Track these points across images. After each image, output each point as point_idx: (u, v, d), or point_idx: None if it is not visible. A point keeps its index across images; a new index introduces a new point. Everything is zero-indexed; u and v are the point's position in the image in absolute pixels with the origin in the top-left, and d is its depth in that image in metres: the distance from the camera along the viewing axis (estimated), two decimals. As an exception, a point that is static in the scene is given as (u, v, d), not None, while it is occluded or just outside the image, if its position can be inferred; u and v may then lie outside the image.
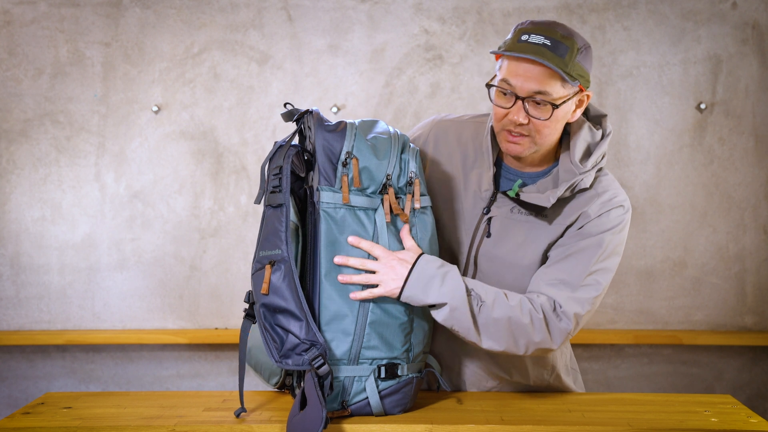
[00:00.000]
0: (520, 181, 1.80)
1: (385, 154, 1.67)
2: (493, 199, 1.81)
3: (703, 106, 3.21)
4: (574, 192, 1.77)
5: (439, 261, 1.68)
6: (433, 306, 1.67)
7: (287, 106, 1.73)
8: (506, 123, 1.73)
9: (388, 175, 1.66)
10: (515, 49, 1.68)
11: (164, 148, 3.24)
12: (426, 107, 3.19)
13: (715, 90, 3.22)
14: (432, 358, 1.83)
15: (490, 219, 1.81)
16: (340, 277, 1.63)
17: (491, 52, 1.77)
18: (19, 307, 3.26)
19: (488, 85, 1.75)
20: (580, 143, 1.78)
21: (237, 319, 3.26)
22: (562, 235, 1.78)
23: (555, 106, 1.69)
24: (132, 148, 3.24)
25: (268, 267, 1.61)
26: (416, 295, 1.65)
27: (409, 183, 1.68)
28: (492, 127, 1.81)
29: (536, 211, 1.77)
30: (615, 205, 1.77)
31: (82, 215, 3.24)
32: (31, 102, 3.22)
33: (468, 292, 1.67)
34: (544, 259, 1.79)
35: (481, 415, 1.66)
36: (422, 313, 1.70)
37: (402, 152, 1.69)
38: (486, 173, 1.82)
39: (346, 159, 1.65)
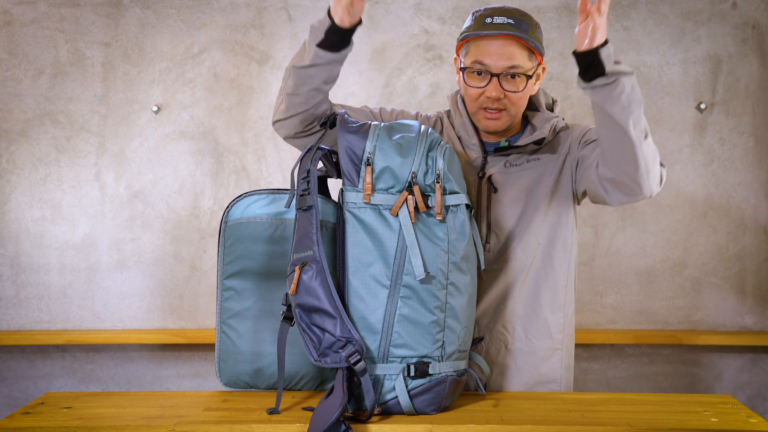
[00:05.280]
0: (504, 139, 1.98)
1: (410, 153, 1.69)
2: (484, 163, 1.94)
3: (703, 106, 3.21)
4: (555, 132, 1.96)
5: None
6: (620, 73, 1.66)
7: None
8: (483, 101, 1.88)
9: (414, 173, 1.68)
10: (484, 30, 1.84)
11: (164, 148, 3.24)
12: (426, 107, 3.19)
13: (715, 90, 3.22)
14: (482, 360, 1.84)
15: (489, 177, 1.93)
16: None
17: (458, 40, 1.92)
18: (19, 307, 3.26)
19: (462, 69, 1.89)
20: (542, 102, 1.99)
21: (237, 319, 3.26)
22: (563, 165, 1.94)
23: (528, 77, 1.86)
24: (132, 148, 3.24)
25: (297, 269, 1.64)
26: (612, 55, 1.66)
27: (437, 181, 1.69)
28: (467, 110, 1.95)
29: (526, 155, 1.94)
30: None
31: (82, 215, 3.24)
32: (31, 102, 3.22)
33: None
34: (552, 193, 1.93)
35: (481, 415, 1.66)
36: (456, 312, 1.69)
37: (430, 150, 1.71)
38: (470, 144, 1.96)
39: (368, 159, 1.67)
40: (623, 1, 3.20)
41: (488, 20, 1.84)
